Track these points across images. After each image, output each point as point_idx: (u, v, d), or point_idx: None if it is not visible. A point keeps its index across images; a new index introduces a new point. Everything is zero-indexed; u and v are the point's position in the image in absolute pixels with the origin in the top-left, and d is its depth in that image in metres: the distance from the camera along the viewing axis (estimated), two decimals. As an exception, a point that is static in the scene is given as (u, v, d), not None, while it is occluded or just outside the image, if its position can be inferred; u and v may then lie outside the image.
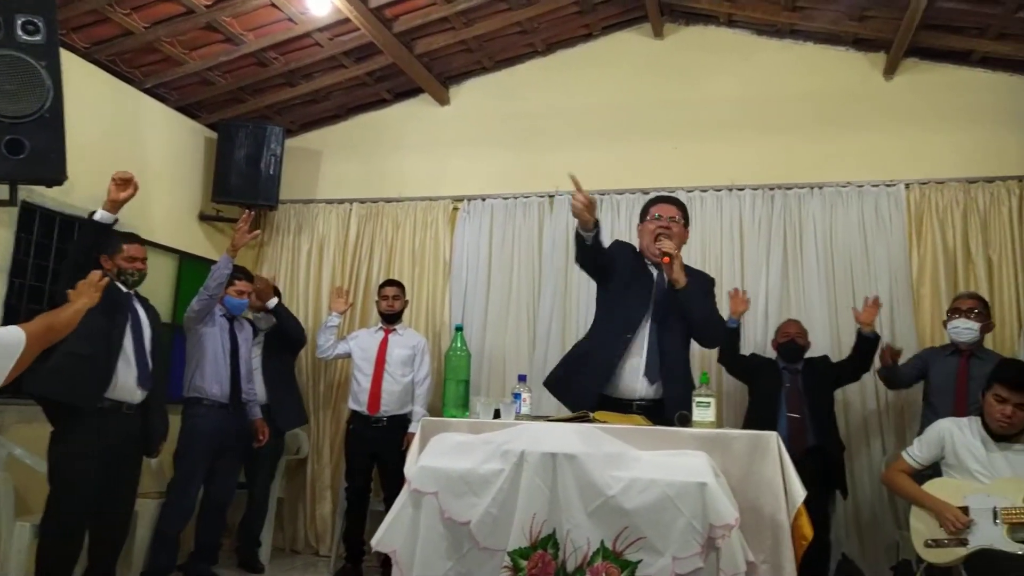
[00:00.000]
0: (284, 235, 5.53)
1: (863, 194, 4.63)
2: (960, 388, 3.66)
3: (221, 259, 4.00)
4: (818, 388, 4.02)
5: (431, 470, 2.43)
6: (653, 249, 3.07)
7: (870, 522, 4.31)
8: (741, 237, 4.75)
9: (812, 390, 4.00)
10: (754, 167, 4.80)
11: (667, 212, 3.16)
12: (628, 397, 2.99)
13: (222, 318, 4.15)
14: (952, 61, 4.66)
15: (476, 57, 5.26)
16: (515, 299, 5.00)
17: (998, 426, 2.97)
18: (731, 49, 5.04)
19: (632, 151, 5.01)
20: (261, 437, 4.27)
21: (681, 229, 3.15)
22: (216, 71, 4.82)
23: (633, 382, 3.00)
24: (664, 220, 3.11)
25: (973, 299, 3.79)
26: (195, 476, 3.94)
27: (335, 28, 4.59)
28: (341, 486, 4.68)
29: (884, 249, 4.51)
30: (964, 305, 3.75)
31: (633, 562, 2.23)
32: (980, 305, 3.76)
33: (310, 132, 5.69)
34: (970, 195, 4.48)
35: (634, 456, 2.37)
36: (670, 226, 3.09)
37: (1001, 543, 2.78)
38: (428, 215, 5.29)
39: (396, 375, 4.50)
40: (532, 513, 2.30)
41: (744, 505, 2.36)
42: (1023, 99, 4.52)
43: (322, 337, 4.67)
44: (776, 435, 2.50)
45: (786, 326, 4.20)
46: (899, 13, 4.27)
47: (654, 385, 2.99)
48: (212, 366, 4.03)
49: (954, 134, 4.58)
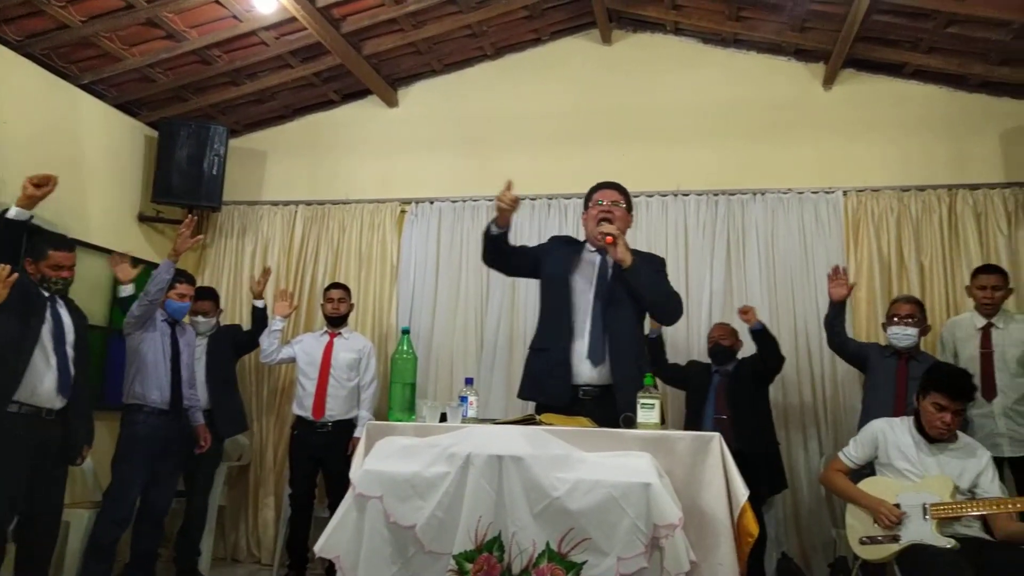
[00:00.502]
0: (227, 237, 5.42)
1: (803, 200, 4.76)
2: (900, 390, 3.78)
3: (162, 264, 3.89)
4: (743, 389, 4.10)
5: (376, 474, 2.40)
6: (596, 233, 3.06)
7: (808, 521, 4.41)
8: (686, 241, 4.83)
9: (738, 391, 4.08)
10: (699, 173, 4.89)
11: (608, 197, 3.14)
12: (574, 383, 2.93)
13: (163, 323, 4.04)
14: (887, 73, 4.83)
15: (425, 59, 5.24)
16: (463, 302, 4.99)
17: (937, 433, 3.05)
18: (678, 57, 5.13)
19: (580, 156, 5.06)
20: (203, 443, 4.17)
21: (624, 213, 3.13)
22: (157, 68, 4.70)
23: (578, 366, 2.94)
24: (606, 204, 3.10)
25: (911, 304, 3.90)
26: (132, 484, 3.82)
27: (281, 27, 4.53)
28: (285, 493, 4.60)
29: (823, 254, 4.63)
30: (903, 311, 3.86)
31: (578, 563, 2.24)
32: (918, 311, 3.89)
33: (255, 132, 5.59)
34: (903, 203, 4.64)
35: (580, 458, 2.38)
36: (612, 210, 3.08)
37: (931, 538, 2.87)
38: (375, 218, 5.25)
39: (341, 379, 4.45)
40: (478, 516, 2.29)
41: (688, 505, 2.39)
42: (951, 111, 4.72)
43: (266, 341, 4.58)
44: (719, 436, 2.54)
45: (713, 330, 4.31)
46: (837, 25, 4.40)
47: (598, 368, 2.92)
48: (152, 371, 3.92)
49: (888, 144, 4.75)
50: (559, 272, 3.09)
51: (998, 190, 4.53)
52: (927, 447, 3.09)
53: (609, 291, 3.01)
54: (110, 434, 4.03)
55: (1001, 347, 3.75)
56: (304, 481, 4.41)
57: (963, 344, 3.88)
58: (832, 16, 4.39)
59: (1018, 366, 3.71)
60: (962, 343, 3.89)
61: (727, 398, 4.05)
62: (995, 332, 3.80)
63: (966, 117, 4.69)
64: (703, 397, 4.11)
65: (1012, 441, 3.63)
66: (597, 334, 2.95)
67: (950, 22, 4.19)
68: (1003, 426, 3.66)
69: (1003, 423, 3.66)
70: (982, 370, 3.75)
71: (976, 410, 3.72)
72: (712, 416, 4.04)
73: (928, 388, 3.10)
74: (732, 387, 4.08)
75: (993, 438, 3.63)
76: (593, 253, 3.13)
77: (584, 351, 2.95)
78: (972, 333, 3.86)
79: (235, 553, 4.99)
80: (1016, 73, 4.43)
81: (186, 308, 4.16)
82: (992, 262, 4.22)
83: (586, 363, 2.94)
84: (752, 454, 3.98)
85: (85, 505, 4.02)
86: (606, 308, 2.99)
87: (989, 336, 3.80)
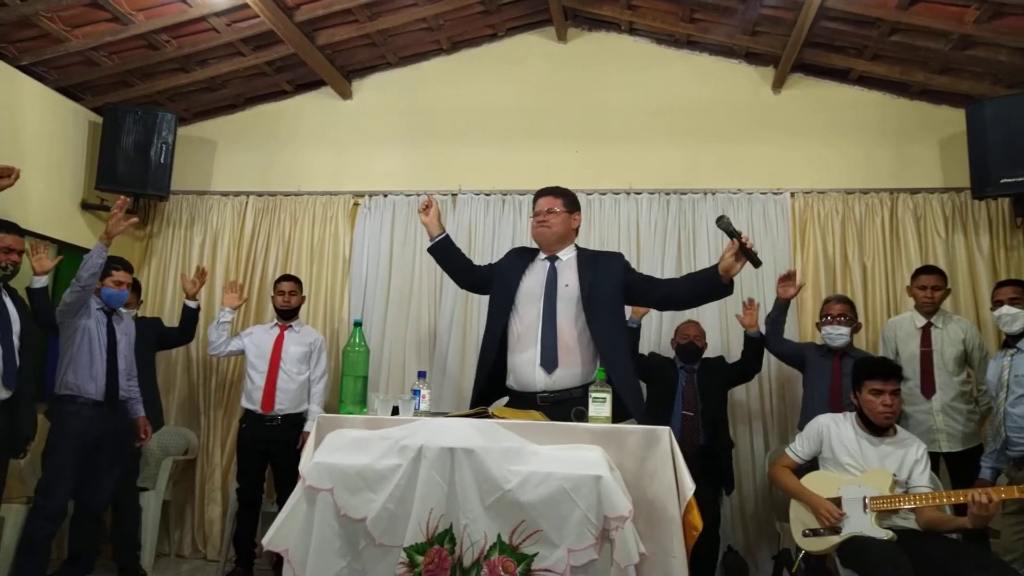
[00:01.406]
0: (175, 227, 5.30)
1: (752, 201, 4.85)
2: (835, 386, 3.91)
3: (94, 248, 3.71)
4: (712, 388, 4.17)
5: (326, 466, 2.38)
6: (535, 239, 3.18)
7: (753, 515, 4.51)
8: (638, 239, 4.88)
9: (706, 390, 4.14)
10: (651, 172, 4.95)
11: (545, 205, 3.15)
12: (530, 390, 2.96)
13: (99, 311, 3.91)
14: (834, 78, 4.95)
15: (380, 52, 5.20)
16: (416, 296, 4.97)
17: (882, 418, 3.15)
18: (632, 57, 5.18)
19: (534, 152, 5.08)
20: (143, 435, 4.07)
21: (564, 216, 3.14)
22: (102, 51, 4.56)
23: (531, 375, 2.97)
24: (542, 215, 3.13)
25: (842, 303, 4.03)
26: (63, 478, 3.67)
27: (233, 14, 4.44)
28: (232, 487, 4.52)
29: (771, 254, 4.73)
30: (834, 311, 3.98)
31: (529, 555, 2.25)
32: (849, 310, 4.01)
33: (205, 121, 5.47)
34: (848, 205, 4.78)
35: (532, 450, 2.39)
36: (547, 218, 3.11)
37: (870, 530, 2.97)
38: (328, 210, 5.19)
39: (292, 373, 4.39)
40: (429, 508, 2.29)
41: (637, 497, 2.42)
42: (893, 117, 4.87)
43: (214, 333, 4.49)
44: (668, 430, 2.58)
45: (686, 327, 4.33)
46: (787, 30, 4.50)
47: (552, 376, 2.94)
48: (87, 361, 3.78)
49: (834, 147, 4.87)
50: (507, 284, 3.12)
51: (936, 195, 4.69)
52: (869, 441, 3.19)
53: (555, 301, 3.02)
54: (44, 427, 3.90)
55: (940, 346, 3.89)
56: (252, 475, 4.34)
57: (904, 343, 4.01)
58: (782, 21, 4.49)
59: (955, 365, 3.86)
60: (903, 342, 4.02)
61: (696, 396, 4.10)
62: (934, 331, 3.93)
63: (907, 123, 4.85)
64: (670, 393, 4.14)
65: (949, 437, 3.77)
66: (549, 342, 2.97)
67: (893, 30, 4.32)
68: (940, 422, 3.79)
69: (941, 419, 3.80)
70: (921, 368, 3.88)
71: (915, 407, 3.86)
72: (681, 412, 4.08)
73: (860, 379, 3.22)
74: (701, 385, 4.13)
75: (931, 434, 3.76)
76: (544, 261, 3.15)
77: (536, 359, 2.97)
78: (912, 332, 3.99)
79: (180, 549, 4.89)
80: (955, 82, 4.59)
81: (124, 296, 4.01)
82: (931, 264, 4.37)
83: (539, 371, 2.96)
84: (718, 451, 4.06)
85: (20, 500, 3.88)
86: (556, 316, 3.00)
87: (929, 335, 3.93)
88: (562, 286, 3.05)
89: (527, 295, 3.07)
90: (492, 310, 3.17)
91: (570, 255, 3.15)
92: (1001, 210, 4.58)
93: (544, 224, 3.11)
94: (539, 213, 3.15)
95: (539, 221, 3.13)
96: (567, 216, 3.15)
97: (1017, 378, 3.33)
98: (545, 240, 3.13)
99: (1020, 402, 3.29)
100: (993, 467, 3.47)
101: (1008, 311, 3.42)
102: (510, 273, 3.15)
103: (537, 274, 3.11)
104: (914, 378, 3.88)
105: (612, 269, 3.09)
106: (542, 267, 3.13)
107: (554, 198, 3.16)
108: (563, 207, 3.15)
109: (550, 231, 3.10)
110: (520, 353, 3.01)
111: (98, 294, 3.90)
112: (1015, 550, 3.18)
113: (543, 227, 3.11)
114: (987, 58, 4.31)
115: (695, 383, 4.15)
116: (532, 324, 3.00)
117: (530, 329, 3.00)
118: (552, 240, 3.12)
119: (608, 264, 3.11)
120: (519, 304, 3.07)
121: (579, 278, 3.04)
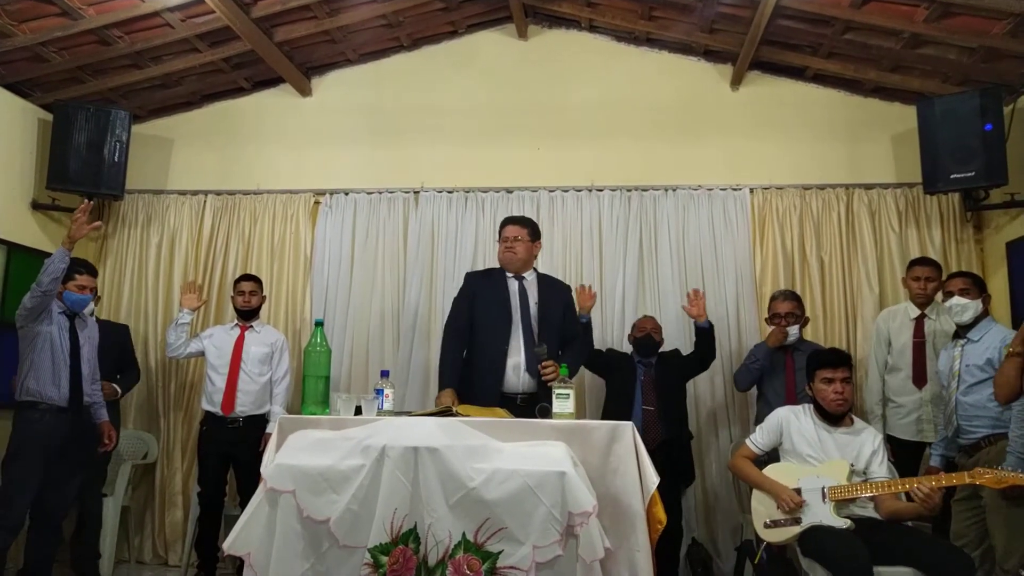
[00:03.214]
0: (131, 227, 5.19)
1: (712, 197, 4.91)
2: (789, 380, 3.98)
3: (56, 252, 3.63)
4: (670, 381, 4.21)
5: (288, 467, 2.36)
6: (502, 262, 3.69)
7: (716, 507, 4.57)
8: (600, 236, 4.91)
9: (664, 383, 4.18)
10: (613, 169, 4.98)
11: (511, 233, 3.66)
12: (514, 392, 3.46)
13: (61, 315, 3.81)
14: (790, 76, 5.03)
15: (340, 48, 5.15)
16: (379, 295, 4.94)
17: (835, 406, 3.22)
18: (592, 54, 5.20)
19: (496, 150, 5.07)
20: (107, 441, 3.99)
21: (528, 245, 3.67)
22: (51, 47, 4.45)
23: (516, 379, 3.47)
24: (509, 241, 3.64)
25: (789, 301, 4.09)
26: (25, 487, 3.58)
27: (188, 9, 4.34)
28: (193, 491, 4.45)
29: (731, 249, 4.80)
30: (782, 309, 4.05)
31: (494, 553, 2.26)
32: (796, 307, 4.08)
33: (160, 119, 5.36)
34: (805, 201, 4.86)
35: (496, 448, 2.40)
36: (513, 246, 3.63)
37: (829, 519, 3.03)
38: (288, 209, 5.12)
39: (253, 374, 4.33)
40: (393, 508, 2.28)
41: (602, 493, 2.44)
42: (847, 114, 4.96)
43: (172, 335, 4.41)
44: (632, 425, 2.61)
45: (643, 321, 4.37)
46: (744, 28, 4.56)
47: (534, 379, 3.45)
48: (49, 367, 3.70)
49: (791, 143, 4.95)
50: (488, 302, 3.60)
51: (890, 190, 4.79)
52: (827, 431, 3.25)
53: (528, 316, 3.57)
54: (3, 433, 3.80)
55: (932, 337, 3.92)
56: (214, 479, 4.28)
57: (896, 333, 4.05)
58: (739, 19, 4.54)
59: None
60: (895, 332, 4.06)
61: (655, 390, 4.13)
62: (928, 322, 3.97)
63: (861, 120, 4.94)
64: (630, 388, 4.16)
65: (937, 427, 3.83)
66: (530, 352, 3.46)
67: (847, 29, 4.40)
68: (930, 413, 3.84)
69: (930, 410, 3.84)
70: (914, 358, 3.93)
71: (907, 397, 3.91)
72: (641, 407, 4.10)
73: (812, 370, 3.32)
74: (660, 379, 4.16)
75: (920, 424, 3.83)
76: (511, 279, 3.66)
77: (522, 366, 3.48)
78: (906, 323, 4.04)
79: (140, 555, 4.80)
80: (906, 80, 4.70)
81: (87, 300, 3.93)
82: (885, 258, 4.46)
83: (524, 375, 3.47)
84: (678, 445, 4.10)
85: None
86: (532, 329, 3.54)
87: (922, 326, 3.97)
88: (532, 303, 3.61)
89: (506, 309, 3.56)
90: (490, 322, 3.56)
91: (532, 277, 3.72)
92: (951, 204, 4.70)
93: (511, 250, 3.64)
94: (506, 239, 3.65)
95: (507, 247, 3.64)
96: (530, 244, 3.70)
97: (968, 368, 3.41)
98: (511, 264, 3.66)
99: (972, 391, 3.37)
100: (943, 455, 3.55)
101: (958, 302, 3.50)
102: (493, 291, 3.62)
103: (511, 292, 3.62)
104: (905, 369, 3.93)
105: (561, 298, 3.73)
106: (512, 285, 3.65)
107: (520, 227, 3.69)
108: (527, 236, 3.68)
109: (516, 256, 3.64)
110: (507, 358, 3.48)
111: (60, 298, 3.81)
112: (966, 535, 3.26)
113: (510, 252, 3.64)
114: (937, 56, 4.41)
115: (653, 377, 4.18)
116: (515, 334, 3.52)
117: (513, 341, 3.51)
118: (517, 264, 3.66)
119: (559, 293, 3.75)
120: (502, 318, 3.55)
121: (539, 298, 3.62)
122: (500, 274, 3.69)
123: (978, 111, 4.23)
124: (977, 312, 3.47)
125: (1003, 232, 4.48)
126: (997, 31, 4.02)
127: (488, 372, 3.47)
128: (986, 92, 4.25)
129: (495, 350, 3.49)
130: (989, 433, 3.29)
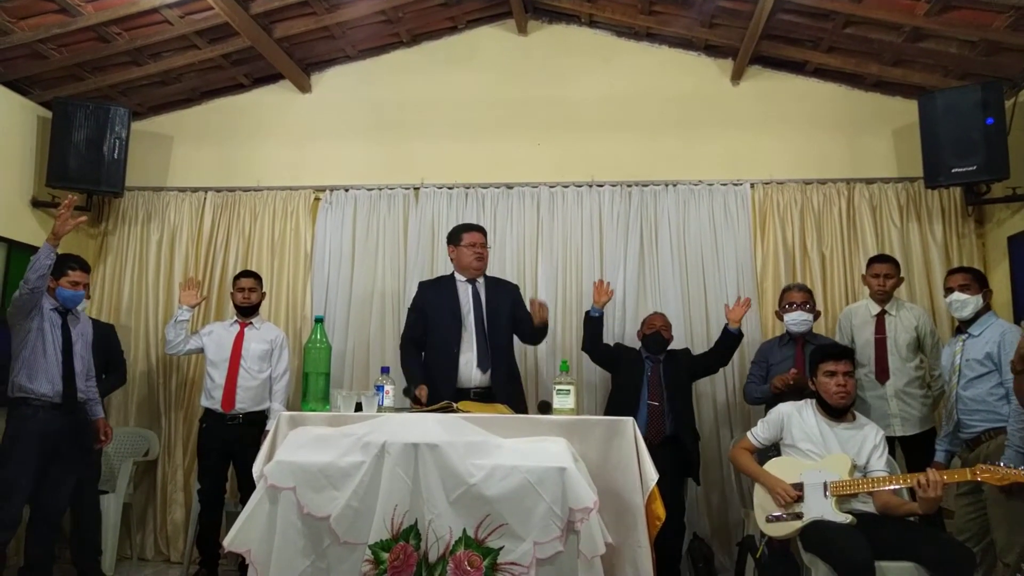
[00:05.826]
0: (131, 224, 5.18)
1: (713, 192, 4.90)
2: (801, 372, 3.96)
3: (41, 248, 3.57)
4: (678, 379, 4.18)
5: (288, 464, 2.35)
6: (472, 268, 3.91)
7: (719, 503, 4.57)
8: (600, 231, 4.90)
9: (672, 380, 4.16)
10: (613, 164, 4.97)
11: (479, 239, 3.92)
12: (466, 386, 3.69)
13: (53, 312, 3.80)
14: (790, 70, 5.02)
15: (339, 44, 5.13)
16: (379, 291, 4.93)
17: (838, 399, 3.23)
18: (593, 49, 5.19)
19: (496, 145, 5.07)
20: (103, 437, 3.99)
21: (487, 251, 3.97)
22: (50, 44, 4.43)
23: (468, 372, 3.72)
24: (478, 247, 3.90)
25: (803, 292, 4.11)
26: (20, 484, 3.58)
27: (186, 5, 4.33)
28: (194, 488, 4.45)
29: (732, 244, 4.79)
30: (798, 299, 4.06)
31: (495, 549, 2.26)
32: (810, 298, 4.09)
33: (160, 116, 5.35)
34: (806, 195, 4.85)
35: (496, 444, 2.40)
36: (483, 252, 3.92)
37: (830, 514, 3.03)
38: (288, 205, 5.12)
39: (253, 370, 4.33)
40: (394, 505, 2.28)
41: (602, 488, 2.44)
42: (849, 109, 4.95)
43: (171, 332, 4.40)
44: (632, 421, 2.60)
45: (653, 318, 4.34)
46: (744, 22, 4.55)
47: (486, 373, 3.74)
48: (42, 363, 3.68)
49: (792, 138, 4.94)
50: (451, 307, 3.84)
51: (891, 184, 4.78)
52: (829, 426, 3.26)
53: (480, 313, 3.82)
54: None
55: (893, 333, 3.98)
56: (214, 476, 4.28)
57: (859, 330, 4.09)
58: (739, 13, 4.53)
59: (908, 351, 3.95)
60: (858, 329, 4.10)
61: (664, 386, 4.12)
62: (888, 319, 4.02)
63: (862, 114, 4.93)
64: (636, 382, 4.15)
65: (903, 421, 3.87)
66: (483, 348, 3.76)
67: (848, 23, 4.39)
68: (895, 407, 3.88)
69: (895, 404, 3.89)
70: (876, 354, 3.97)
71: (871, 392, 3.94)
72: (647, 402, 4.09)
73: (815, 364, 3.34)
74: (667, 376, 4.15)
75: (886, 419, 3.84)
76: (464, 283, 3.91)
77: (474, 361, 3.73)
78: (867, 319, 4.07)
79: (142, 552, 4.81)
80: (907, 74, 4.68)
81: (80, 297, 3.91)
82: (887, 252, 4.45)
83: (476, 370, 3.72)
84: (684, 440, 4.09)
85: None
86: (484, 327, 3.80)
87: (883, 322, 4.02)
88: (483, 305, 3.85)
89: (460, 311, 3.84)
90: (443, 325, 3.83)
91: (482, 280, 3.96)
92: (953, 199, 4.68)
93: (480, 257, 3.91)
94: (475, 245, 3.89)
95: (476, 254, 3.89)
96: (487, 251, 3.99)
97: (968, 362, 3.41)
98: (479, 268, 3.91)
99: (971, 385, 3.38)
100: (947, 450, 3.55)
101: (958, 297, 3.50)
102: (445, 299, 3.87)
103: (463, 295, 3.88)
104: (869, 364, 3.96)
105: (509, 297, 3.98)
106: (465, 289, 3.90)
107: (483, 236, 3.96)
108: (487, 244, 3.97)
109: (483, 263, 3.93)
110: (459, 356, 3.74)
111: (52, 294, 3.80)
112: (968, 530, 3.27)
113: (481, 260, 3.92)
114: (938, 50, 4.39)
115: (661, 373, 4.17)
116: (468, 333, 3.80)
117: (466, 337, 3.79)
118: (482, 268, 3.94)
119: (507, 293, 4.01)
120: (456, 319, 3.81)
121: (487, 299, 3.88)
122: (450, 281, 3.95)
123: (979, 105, 4.22)
124: (977, 307, 3.48)
125: (1005, 226, 4.46)
126: (998, 25, 4.00)
127: (443, 369, 3.74)
128: (987, 86, 4.24)
129: (447, 351, 3.77)
130: (989, 427, 3.29)
